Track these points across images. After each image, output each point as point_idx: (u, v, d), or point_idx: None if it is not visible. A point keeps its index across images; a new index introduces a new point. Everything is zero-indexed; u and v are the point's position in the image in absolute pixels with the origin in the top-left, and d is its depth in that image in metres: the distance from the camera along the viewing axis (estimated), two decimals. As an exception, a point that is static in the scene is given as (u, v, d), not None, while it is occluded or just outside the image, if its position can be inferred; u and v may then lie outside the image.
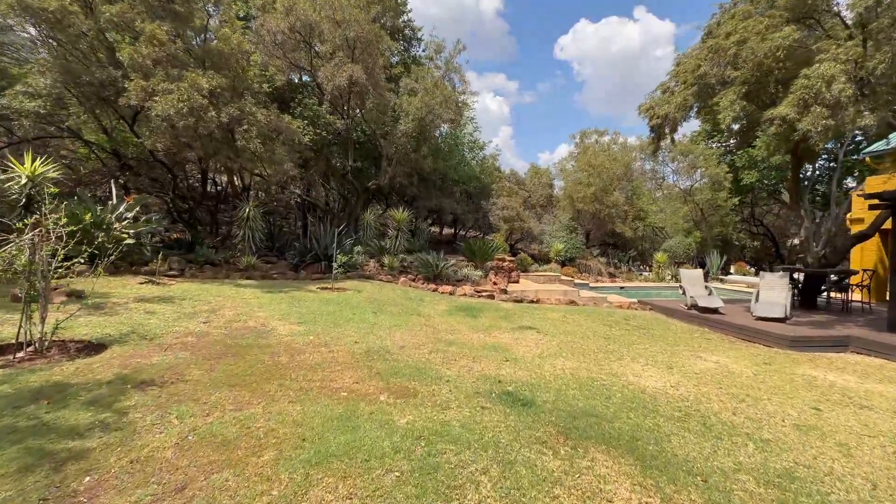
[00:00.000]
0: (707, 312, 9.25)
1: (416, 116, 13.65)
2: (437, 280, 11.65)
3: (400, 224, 12.35)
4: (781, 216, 28.52)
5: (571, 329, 7.64)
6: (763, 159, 17.66)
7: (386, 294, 9.41)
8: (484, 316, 8.33)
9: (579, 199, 20.34)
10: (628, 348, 6.45)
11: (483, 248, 12.73)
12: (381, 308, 7.97)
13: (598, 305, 10.70)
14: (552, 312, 9.18)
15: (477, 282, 11.91)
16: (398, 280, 11.25)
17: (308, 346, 5.11)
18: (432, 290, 10.67)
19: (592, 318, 8.85)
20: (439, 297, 9.86)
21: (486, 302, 9.90)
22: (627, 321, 8.73)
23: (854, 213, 14.87)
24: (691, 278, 10.43)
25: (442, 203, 19.22)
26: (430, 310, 8.41)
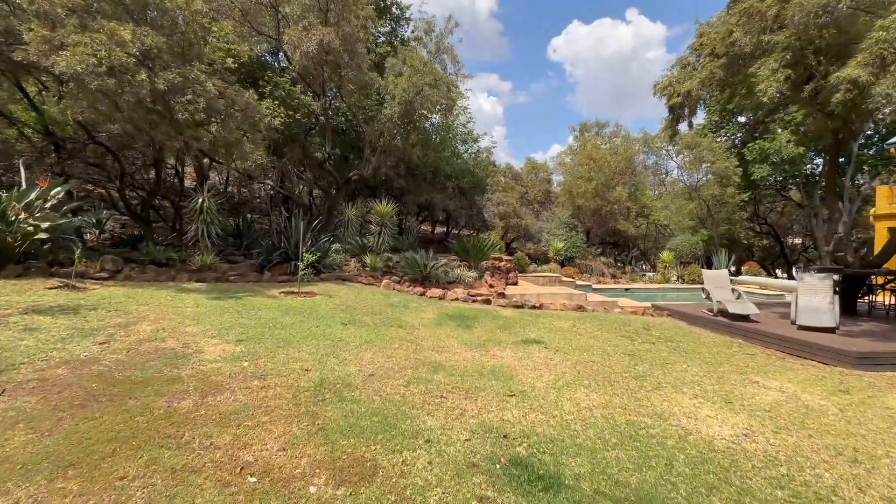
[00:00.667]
0: (738, 320, 7.95)
1: (402, 99, 12.20)
2: (426, 282, 10.23)
3: (384, 219, 10.91)
4: (785, 214, 27.54)
5: (586, 343, 6.26)
6: (776, 151, 16.51)
7: (364, 299, 7.96)
8: (479, 326, 6.92)
9: (580, 195, 19.04)
10: (662, 370, 5.08)
11: (477, 247, 11.35)
12: (353, 317, 6.52)
13: (608, 311, 9.35)
14: (559, 321, 7.80)
15: (471, 284, 10.51)
16: (381, 282, 9.80)
17: (234, 380, 3.65)
18: (419, 294, 9.24)
19: (606, 327, 7.48)
20: (427, 303, 8.44)
21: (482, 308, 8.50)
22: (648, 331, 7.37)
23: (879, 209, 13.74)
24: (716, 280, 9.13)
25: (433, 198, 17.80)
26: (414, 318, 6.99)
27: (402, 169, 15.35)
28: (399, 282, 10.23)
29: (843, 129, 8.79)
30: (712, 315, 8.39)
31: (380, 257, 11.12)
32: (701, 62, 8.90)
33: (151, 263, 8.62)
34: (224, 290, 7.30)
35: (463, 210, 18.72)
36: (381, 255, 11.83)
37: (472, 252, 11.43)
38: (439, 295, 9.15)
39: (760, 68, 7.27)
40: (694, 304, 10.24)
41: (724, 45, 7.84)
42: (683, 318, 8.91)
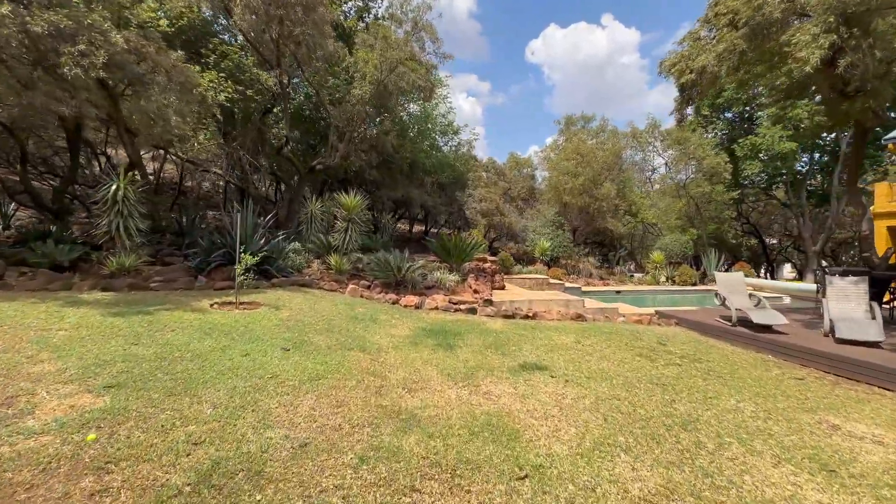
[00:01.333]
0: (761, 331, 6.84)
1: (373, 78, 10.67)
2: (400, 288, 8.75)
3: (350, 213, 9.36)
4: (765, 213, 27.39)
5: (599, 367, 4.95)
6: (768, 147, 15.85)
7: (321, 310, 6.42)
8: (464, 345, 5.52)
9: (566, 191, 17.93)
10: (710, 409, 3.81)
11: (459, 247, 9.97)
12: (302, 338, 5.00)
13: (611, 321, 8.13)
14: (559, 335, 6.48)
15: (452, 289, 9.10)
16: (346, 288, 8.27)
17: (52, 477, 2.11)
18: (392, 303, 7.76)
19: (616, 342, 6.22)
20: (401, 314, 6.97)
21: (466, 319, 7.11)
22: (665, 347, 6.15)
23: (878, 207, 13.14)
24: (732, 285, 8.03)
25: (410, 193, 16.31)
26: (383, 337, 5.52)
27: (374, 159, 13.79)
28: (368, 287, 8.71)
29: (865, 116, 7.84)
30: (731, 325, 7.28)
31: (346, 258, 9.57)
32: (716, 35, 7.79)
33: (53, 267, 6.82)
34: (133, 303, 5.62)
35: (443, 207, 17.31)
36: (349, 255, 10.27)
37: (454, 252, 10.03)
38: (415, 303, 7.70)
39: (797, 34, 6.16)
40: (700, 311, 9.16)
41: (750, 10, 6.70)
42: (695, 328, 7.78)
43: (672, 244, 17.37)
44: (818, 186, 20.13)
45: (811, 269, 19.31)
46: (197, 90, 6.83)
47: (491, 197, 17.55)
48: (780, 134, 15.71)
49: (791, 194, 19.08)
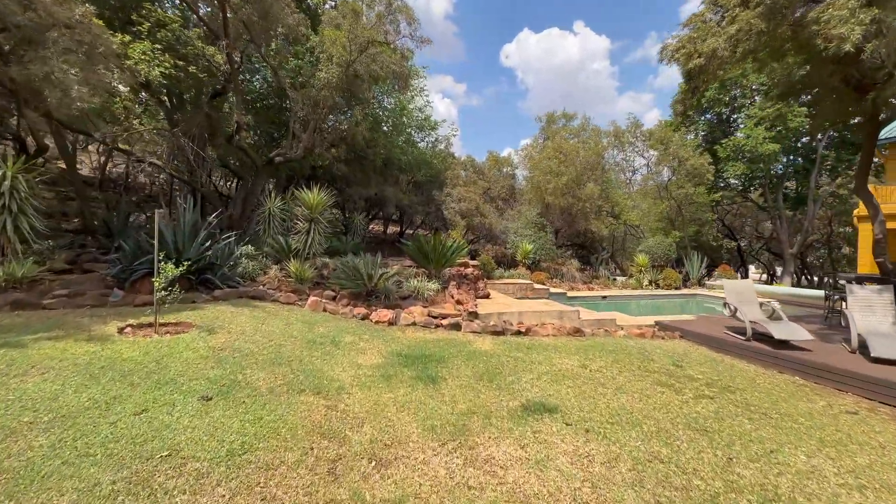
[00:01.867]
0: (781, 346, 6.07)
1: (341, 59, 9.41)
2: (371, 298, 7.55)
3: (313, 212, 8.05)
4: (738, 216, 27.62)
5: (620, 405, 3.94)
6: (751, 148, 15.56)
7: (271, 332, 5.15)
8: (451, 376, 4.40)
9: (549, 191, 17.13)
10: (785, 476, 2.85)
11: (439, 250, 8.84)
12: (235, 377, 3.74)
13: (610, 334, 7.21)
14: (560, 356, 5.47)
15: (432, 299, 7.96)
16: (307, 300, 6.98)
17: None
18: (361, 318, 6.55)
19: (626, 365, 5.26)
20: (371, 334, 5.77)
21: (450, 338, 5.99)
22: (684, 371, 5.24)
23: (863, 210, 12.91)
24: (741, 293, 7.27)
25: (384, 192, 15.06)
26: (346, 368, 4.32)
27: (344, 153, 12.49)
28: (334, 299, 7.46)
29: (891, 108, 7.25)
30: (744, 339, 6.48)
31: (309, 264, 8.27)
32: (724, 16, 7.01)
33: (-86, 278, 5.24)
34: (6, 329, 4.18)
35: (419, 206, 16.14)
36: (313, 260, 8.98)
37: (433, 257, 8.90)
38: (389, 318, 6.51)
39: (828, 10, 5.39)
40: (700, 320, 8.41)
41: (771, -17, 5.91)
42: (704, 342, 6.96)
43: (656, 247, 16.85)
44: (793, 189, 20.18)
45: (788, 272, 19.31)
46: (112, 53, 5.39)
47: (470, 196, 16.54)
48: (764, 135, 15.47)
49: (769, 197, 19.01)
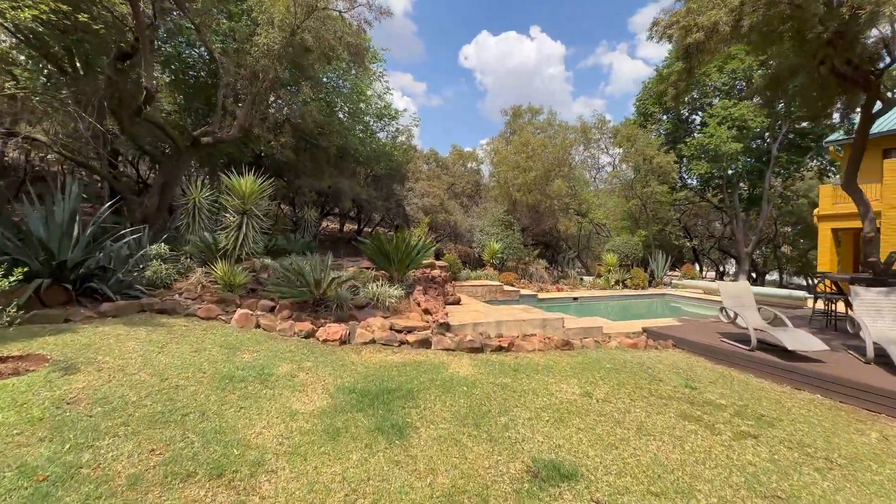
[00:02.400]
0: (790, 357, 5.39)
1: (284, 23, 7.89)
2: (320, 309, 6.15)
3: (247, 203, 6.49)
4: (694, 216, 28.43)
5: (652, 456, 2.93)
6: (715, 147, 15.58)
7: (163, 368, 3.68)
8: (423, 424, 3.20)
9: (516, 187, 16.31)
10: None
11: (403, 250, 7.56)
12: (81, 455, 2.32)
13: (601, 345, 6.30)
14: (556, 380, 4.42)
15: (395, 308, 6.69)
16: (235, 313, 5.47)
17: None
18: (305, 336, 5.16)
19: (637, 391, 4.30)
20: (315, 358, 4.42)
21: (418, 360, 4.76)
22: (702, 395, 4.36)
23: (823, 209, 13.11)
24: (739, 297, 6.60)
25: (339, 184, 13.50)
26: (273, 422, 2.99)
27: (292, 139, 10.87)
28: (272, 310, 5.99)
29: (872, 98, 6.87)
30: (748, 349, 5.77)
31: (241, 267, 6.72)
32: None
33: None
34: None
35: (379, 201, 14.72)
36: (251, 262, 7.41)
37: (396, 257, 7.60)
38: (341, 335, 5.17)
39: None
40: (687, 325, 7.75)
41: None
42: (702, 352, 6.22)
43: (623, 245, 16.52)
44: (745, 190, 20.72)
45: (743, 270, 19.78)
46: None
47: (434, 192, 15.35)
48: (727, 135, 15.53)
49: (726, 197, 19.35)
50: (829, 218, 12.84)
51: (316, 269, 6.47)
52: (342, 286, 6.52)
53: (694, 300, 13.47)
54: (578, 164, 18.64)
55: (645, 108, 19.66)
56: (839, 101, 7.55)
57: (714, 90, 17.47)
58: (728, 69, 16.44)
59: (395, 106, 15.93)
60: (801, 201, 22.75)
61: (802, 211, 22.99)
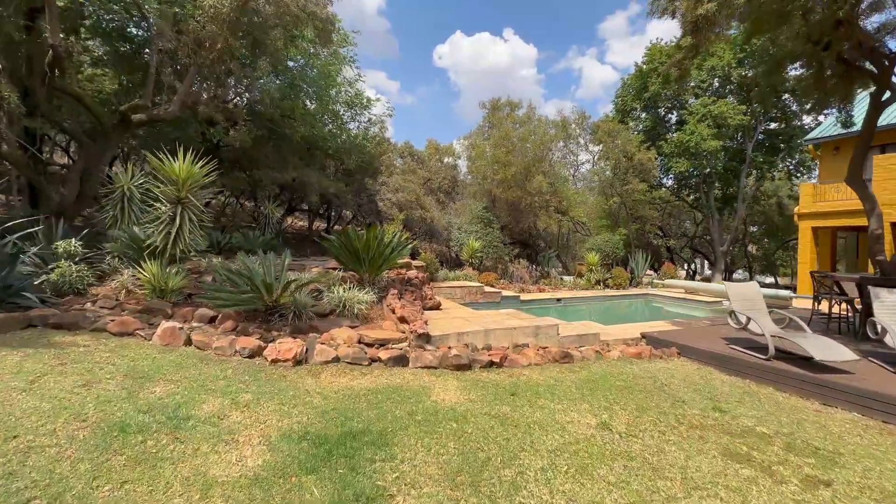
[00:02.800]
0: (812, 368, 4.80)
1: (236, -18, 6.72)
2: (274, 318, 5.08)
3: (182, 190, 5.31)
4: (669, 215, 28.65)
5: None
6: (696, 145, 15.37)
7: (18, 416, 2.57)
8: (400, 489, 2.25)
9: (496, 183, 15.57)
10: None
11: (375, 248, 6.55)
12: None
13: (603, 356, 5.54)
14: (566, 410, 3.58)
15: (364, 315, 5.69)
16: (160, 326, 4.33)
17: None
18: (250, 356, 4.10)
19: (666, 420, 3.53)
20: (258, 390, 3.40)
21: (393, 384, 3.81)
22: (738, 420, 3.63)
23: (803, 208, 13.02)
24: (749, 299, 6.00)
25: (305, 177, 12.28)
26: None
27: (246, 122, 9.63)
28: (211, 321, 4.88)
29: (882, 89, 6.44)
30: (764, 358, 5.15)
31: (179, 268, 5.54)
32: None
33: None
34: None
35: (349, 196, 13.58)
36: (197, 262, 6.24)
37: (367, 256, 6.59)
38: (296, 353, 4.13)
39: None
40: (690, 331, 7.11)
41: None
42: (711, 362, 5.57)
43: (604, 244, 16.08)
44: (719, 189, 20.80)
45: (719, 270, 19.83)
46: None
47: (410, 186, 14.36)
48: (707, 132, 15.34)
49: (703, 196, 19.32)
50: (809, 216, 12.74)
51: (270, 271, 5.40)
52: (301, 290, 5.46)
53: (677, 300, 13.09)
54: (558, 161, 18.11)
55: (624, 105, 19.38)
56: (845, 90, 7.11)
57: (693, 88, 17.34)
58: (707, 66, 16.32)
59: (367, 94, 14.79)
60: (771, 201, 23.20)
61: (769, 211, 23.47)
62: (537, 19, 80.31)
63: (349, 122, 15.28)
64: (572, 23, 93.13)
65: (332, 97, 13.69)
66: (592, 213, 19.16)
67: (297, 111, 10.92)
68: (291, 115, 11.60)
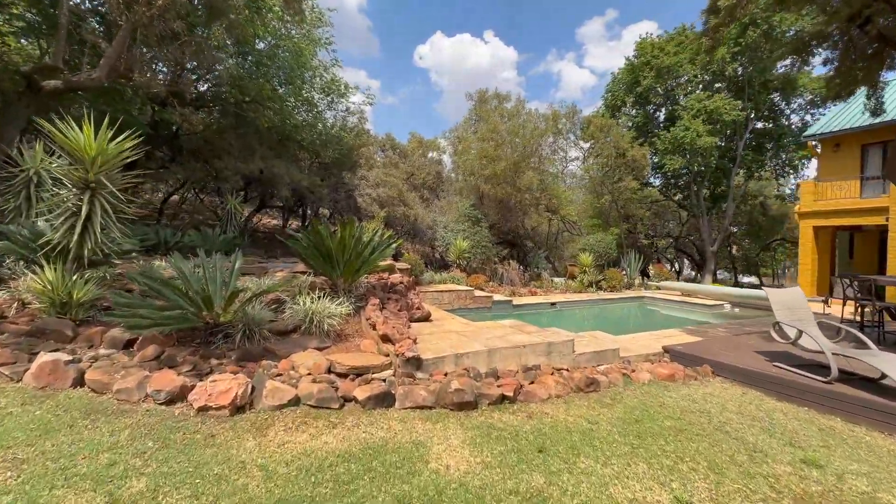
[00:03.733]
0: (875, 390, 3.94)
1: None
2: (217, 340, 3.85)
3: (91, 170, 4.02)
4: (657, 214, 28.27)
5: None
6: (690, 142, 14.75)
7: None
8: None
9: (485, 178, 14.55)
10: None
11: (351, 247, 5.38)
12: None
13: (632, 379, 4.55)
14: (615, 472, 2.53)
15: (338, 333, 4.53)
16: (37, 360, 3.05)
17: None
18: (166, 403, 2.87)
19: (757, 490, 2.51)
20: (159, 469, 2.20)
21: (373, 445, 2.67)
22: (848, 485, 2.67)
23: (804, 206, 12.50)
24: (795, 308, 5.12)
25: (274, 169, 10.93)
26: None
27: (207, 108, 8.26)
28: (129, 345, 3.62)
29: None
30: (824, 381, 4.25)
31: (88, 275, 4.23)
32: None
33: None
34: None
35: (325, 191, 12.27)
36: (114, 265, 4.93)
37: (342, 259, 5.41)
38: (235, 397, 2.93)
39: None
40: (716, 342, 6.21)
41: None
42: (757, 385, 4.65)
43: (597, 244, 15.28)
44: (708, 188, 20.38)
45: (709, 270, 19.40)
46: None
47: (392, 181, 13.17)
48: (702, 128, 14.75)
49: (692, 195, 18.84)
50: (810, 215, 12.22)
51: (215, 277, 4.16)
52: (255, 302, 4.25)
53: (676, 303, 12.35)
54: (548, 157, 17.24)
55: (615, 101, 18.71)
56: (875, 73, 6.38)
57: (686, 83, 16.79)
58: (701, 62, 15.77)
59: (344, 80, 13.49)
60: (756, 201, 23.04)
61: (753, 211, 23.31)
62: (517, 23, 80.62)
63: (325, 111, 13.96)
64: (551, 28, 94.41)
65: (306, 81, 12.36)
66: (582, 212, 18.40)
67: (265, 93, 9.58)
68: (258, 98, 10.24)
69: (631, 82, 17.74)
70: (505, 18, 79.55)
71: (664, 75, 16.40)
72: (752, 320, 8.73)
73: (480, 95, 17.22)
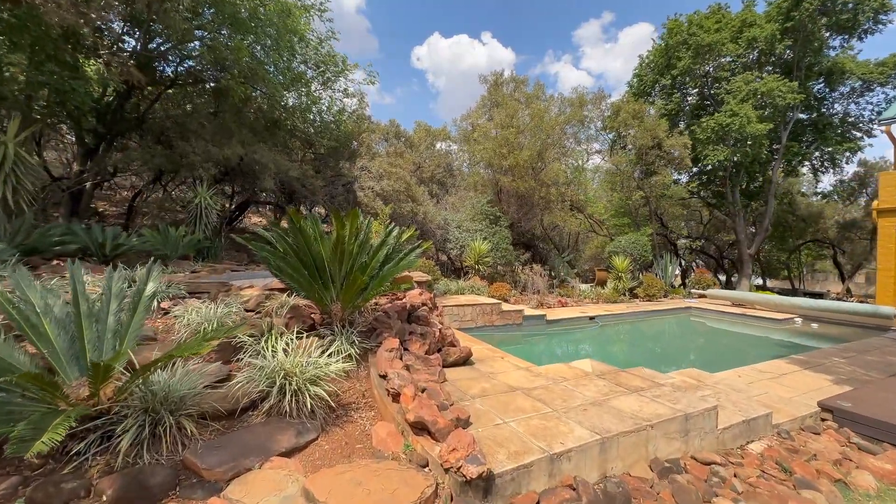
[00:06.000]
0: None
1: None
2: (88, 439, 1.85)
3: None
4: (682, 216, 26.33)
5: None
6: (739, 128, 12.83)
7: None
8: None
9: (503, 171, 12.58)
10: None
11: (353, 254, 3.44)
12: None
13: (848, 485, 2.56)
14: None
15: (331, 404, 2.54)
16: None
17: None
18: None
19: None
20: None
21: None
22: None
23: (884, 202, 10.58)
24: None
25: (257, 156, 8.92)
26: None
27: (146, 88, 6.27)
28: None
29: None
30: None
31: None
32: None
33: None
34: None
35: (318, 183, 10.24)
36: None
37: (338, 273, 3.45)
38: None
39: None
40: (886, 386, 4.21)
41: None
42: None
43: (630, 247, 13.32)
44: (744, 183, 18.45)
45: (746, 275, 17.49)
46: None
47: (398, 172, 11.18)
48: (753, 114, 12.83)
49: (728, 191, 16.92)
50: (891, 213, 10.29)
51: (106, 315, 2.16)
52: (172, 366, 2.26)
53: (729, 316, 10.35)
54: (572, 148, 15.27)
55: (643, 87, 16.77)
56: None
57: (730, 64, 14.89)
58: (745, 38, 13.88)
59: (342, 54, 11.46)
60: (785, 200, 21.18)
61: (781, 211, 21.42)
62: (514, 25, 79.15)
63: (320, 92, 11.93)
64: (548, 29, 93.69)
65: (297, 52, 10.34)
66: (604, 210, 16.47)
67: (241, 55, 7.57)
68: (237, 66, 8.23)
69: (663, 66, 15.82)
70: (503, 19, 77.98)
71: (704, 54, 14.48)
72: (859, 342, 6.79)
73: (496, 77, 15.23)
